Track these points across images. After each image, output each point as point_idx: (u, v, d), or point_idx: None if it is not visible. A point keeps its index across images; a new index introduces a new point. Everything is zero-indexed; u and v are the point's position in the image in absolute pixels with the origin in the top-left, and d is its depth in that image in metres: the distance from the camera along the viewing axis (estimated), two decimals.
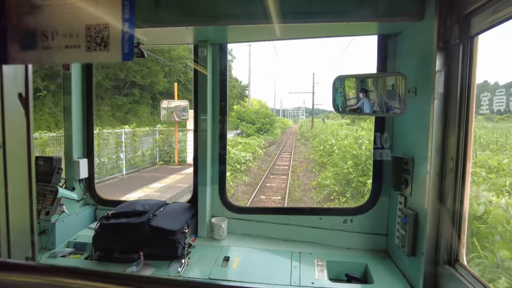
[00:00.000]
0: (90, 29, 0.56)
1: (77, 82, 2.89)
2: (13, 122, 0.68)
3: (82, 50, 0.57)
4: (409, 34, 2.19)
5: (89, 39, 0.56)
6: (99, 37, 0.56)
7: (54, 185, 2.61)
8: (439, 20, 1.71)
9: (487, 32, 1.57)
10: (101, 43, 0.56)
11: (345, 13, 2.02)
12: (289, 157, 20.92)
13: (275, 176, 14.79)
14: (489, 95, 3.00)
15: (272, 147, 26.72)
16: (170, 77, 35.15)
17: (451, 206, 1.75)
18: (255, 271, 2.20)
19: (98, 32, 0.56)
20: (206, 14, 2.15)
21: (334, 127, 27.74)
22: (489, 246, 3.54)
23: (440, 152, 1.79)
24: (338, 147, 14.87)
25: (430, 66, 1.77)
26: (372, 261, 2.34)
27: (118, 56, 0.55)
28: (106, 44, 0.56)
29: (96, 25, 0.56)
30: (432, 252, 1.84)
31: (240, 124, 32.06)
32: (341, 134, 18.73)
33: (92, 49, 0.56)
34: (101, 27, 0.56)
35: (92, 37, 0.56)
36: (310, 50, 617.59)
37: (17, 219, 0.68)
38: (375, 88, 2.00)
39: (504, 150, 5.76)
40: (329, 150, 16.32)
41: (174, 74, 35.76)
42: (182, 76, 36.98)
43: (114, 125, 22.72)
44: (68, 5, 0.56)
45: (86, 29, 0.56)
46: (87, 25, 0.56)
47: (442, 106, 1.77)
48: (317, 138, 25.03)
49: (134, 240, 2.28)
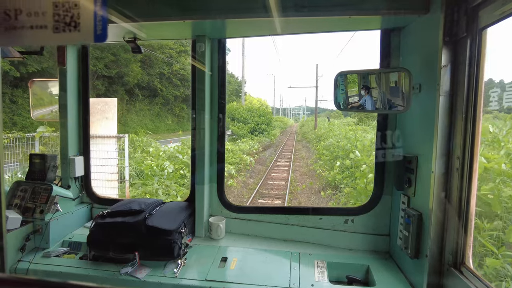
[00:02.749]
0: (58, 7, 0.50)
1: (72, 77, 2.84)
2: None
3: (49, 31, 0.50)
4: (413, 29, 2.12)
5: (57, 19, 0.50)
6: (68, 16, 0.49)
7: (48, 183, 2.55)
8: (445, 13, 1.63)
9: (496, 25, 1.50)
10: (70, 23, 0.49)
11: (347, 6, 1.95)
12: (287, 165, 16.46)
13: (266, 200, 10.29)
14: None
15: (267, 151, 22.26)
16: (151, 69, 32.78)
17: (456, 207, 1.69)
18: (254, 272, 2.15)
19: (67, 11, 0.49)
20: (204, 7, 2.08)
21: (346, 128, 22.01)
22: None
23: (446, 151, 1.73)
24: (367, 163, 9.34)
25: (436, 62, 1.70)
26: (374, 263, 2.28)
27: (90, 37, 0.49)
28: (76, 24, 0.49)
29: (65, 2, 0.50)
30: (437, 254, 1.77)
31: (231, 124, 27.77)
32: (362, 139, 13.42)
33: (60, 29, 0.50)
34: (70, 5, 0.49)
35: (60, 16, 0.50)
36: (313, 44, 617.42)
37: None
38: (377, 84, 1.94)
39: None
40: (349, 166, 10.77)
41: (156, 66, 33.37)
42: (166, 69, 34.69)
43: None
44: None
45: (53, 7, 0.50)
46: (55, 3, 0.50)
47: (448, 103, 1.70)
48: (323, 141, 19.21)
49: (130, 239, 2.22)
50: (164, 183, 9.34)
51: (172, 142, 17.26)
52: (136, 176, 9.91)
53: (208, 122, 2.68)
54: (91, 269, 2.17)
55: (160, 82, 36.43)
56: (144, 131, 17.52)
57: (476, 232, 3.96)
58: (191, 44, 2.64)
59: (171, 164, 10.65)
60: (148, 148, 12.93)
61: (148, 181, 9.32)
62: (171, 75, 35.81)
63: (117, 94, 29.49)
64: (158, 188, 8.80)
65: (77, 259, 2.36)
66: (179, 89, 39.27)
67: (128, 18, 2.10)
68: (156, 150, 12.43)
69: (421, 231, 1.89)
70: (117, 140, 8.03)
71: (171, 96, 38.88)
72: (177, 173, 10.26)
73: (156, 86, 35.26)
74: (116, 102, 5.13)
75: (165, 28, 2.43)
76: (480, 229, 4.10)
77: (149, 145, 13.56)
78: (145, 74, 32.69)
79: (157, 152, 12.17)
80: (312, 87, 44.79)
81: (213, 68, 2.69)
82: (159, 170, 9.99)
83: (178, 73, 38.46)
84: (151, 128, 33.83)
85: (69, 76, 2.79)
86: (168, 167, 10.11)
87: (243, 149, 17.55)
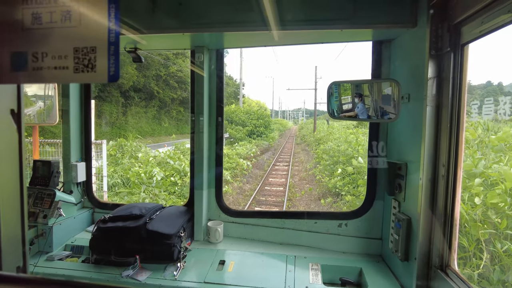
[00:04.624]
0: (78, 52, 0.59)
1: (75, 84, 2.92)
2: (6, 137, 0.70)
3: (70, 71, 0.59)
4: (402, 41, 2.21)
5: (77, 61, 0.59)
6: (86, 59, 0.59)
7: (52, 188, 2.63)
8: (431, 28, 1.73)
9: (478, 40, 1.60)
10: (88, 65, 0.59)
11: (340, 20, 2.05)
12: (286, 170, 16.04)
13: (263, 208, 9.74)
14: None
15: (266, 154, 21.80)
16: (147, 71, 32.10)
17: (442, 212, 1.78)
18: (250, 275, 2.22)
19: (86, 55, 0.59)
20: (203, 21, 2.18)
21: (346, 131, 21.36)
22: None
23: (432, 159, 1.82)
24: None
25: (423, 73, 1.80)
26: (366, 265, 2.36)
27: (104, 77, 0.58)
28: (93, 66, 0.58)
29: (84, 47, 0.59)
30: (425, 257, 1.86)
31: (228, 127, 27.56)
32: (364, 143, 13.14)
33: (79, 70, 0.59)
34: (88, 50, 0.59)
35: (79, 59, 0.59)
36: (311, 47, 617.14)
37: (8, 230, 0.71)
38: (370, 93, 2.03)
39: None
40: (351, 173, 10.43)
41: (152, 68, 32.77)
42: (163, 71, 33.98)
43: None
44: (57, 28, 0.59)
45: (74, 52, 0.59)
46: (75, 48, 0.59)
47: (434, 113, 1.80)
48: (322, 145, 18.90)
49: (131, 243, 2.30)
50: (152, 191, 8.94)
51: (166, 146, 16.58)
52: (122, 184, 9.56)
53: (206, 126, 2.76)
54: (93, 272, 2.25)
55: (157, 84, 35.83)
56: (134, 135, 16.63)
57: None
58: (190, 53, 2.73)
59: (161, 170, 10.11)
60: (137, 154, 12.35)
61: (134, 190, 8.88)
62: (168, 77, 35.23)
63: (112, 97, 29.00)
64: (145, 198, 8.41)
65: (80, 263, 2.44)
66: (176, 91, 38.68)
67: (130, 30, 2.19)
68: (145, 156, 11.88)
69: (410, 235, 1.98)
70: (95, 147, 7.83)
71: (168, 99, 38.35)
72: (168, 180, 9.79)
73: (152, 89, 34.77)
74: (94, 105, 4.77)
75: (165, 39, 2.52)
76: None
77: (138, 150, 12.96)
78: (141, 76, 32.02)
79: (147, 158, 11.64)
80: (311, 90, 44.93)
81: (212, 75, 2.78)
82: (147, 178, 9.53)
83: (175, 75, 37.85)
84: (147, 131, 33.42)
85: (71, 83, 2.87)
86: (157, 174, 9.60)
87: (240, 153, 17.02)
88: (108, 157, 10.23)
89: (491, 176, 4.53)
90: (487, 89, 15.70)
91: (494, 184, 4.43)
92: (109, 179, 9.13)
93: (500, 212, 4.06)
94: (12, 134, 0.71)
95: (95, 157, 7.74)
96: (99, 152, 8.05)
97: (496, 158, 5.02)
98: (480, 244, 4.03)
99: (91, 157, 3.10)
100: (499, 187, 4.22)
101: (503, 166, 4.70)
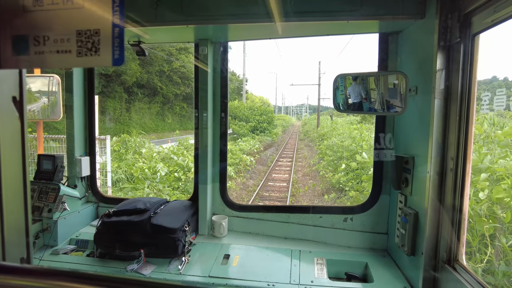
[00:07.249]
0: (81, 34, 0.57)
1: (78, 79, 2.91)
2: (8, 125, 0.69)
3: (73, 55, 0.57)
4: (410, 33, 2.17)
5: (80, 44, 0.57)
6: (89, 42, 0.57)
7: (56, 182, 2.63)
8: (440, 19, 1.69)
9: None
10: (91, 48, 0.56)
11: (346, 11, 2.01)
12: (289, 165, 15.92)
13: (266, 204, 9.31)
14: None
15: (269, 150, 21.70)
16: (150, 67, 32.02)
17: (450, 206, 1.75)
18: (255, 269, 2.22)
19: (89, 37, 0.57)
20: (206, 13, 2.15)
21: (350, 127, 20.50)
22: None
23: (441, 152, 1.78)
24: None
25: (431, 65, 1.76)
26: (372, 260, 2.34)
27: (108, 61, 0.56)
28: (97, 49, 0.56)
29: (87, 30, 0.57)
30: (432, 251, 1.84)
31: (232, 123, 27.35)
32: (368, 138, 12.72)
33: (83, 54, 0.57)
34: (91, 32, 0.57)
35: (83, 42, 0.57)
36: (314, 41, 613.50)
37: (11, 221, 0.69)
38: (376, 86, 1.99)
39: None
40: (355, 168, 10.30)
41: (155, 63, 32.63)
42: (166, 66, 33.87)
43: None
44: (59, 10, 0.57)
45: (77, 34, 0.57)
46: (78, 31, 0.57)
47: (442, 106, 1.76)
48: (326, 141, 18.70)
49: (135, 237, 2.30)
50: (156, 187, 9.01)
51: (170, 142, 16.60)
52: (126, 180, 9.63)
53: (210, 122, 2.75)
54: (98, 266, 2.25)
55: (160, 80, 35.84)
56: (137, 130, 16.61)
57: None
58: (194, 46, 2.70)
59: (165, 166, 10.18)
60: (141, 149, 12.38)
61: (138, 185, 8.95)
62: (171, 72, 35.12)
63: (115, 93, 28.99)
64: (149, 193, 8.49)
65: (85, 257, 2.44)
66: (180, 87, 38.70)
67: (133, 23, 2.17)
68: (149, 152, 11.95)
69: (417, 229, 1.95)
70: (99, 143, 7.79)
71: (171, 95, 38.38)
72: (171, 175, 9.84)
73: (155, 85, 34.76)
74: (97, 100, 4.78)
75: (169, 32, 2.50)
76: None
77: (142, 146, 13.00)
78: (144, 72, 31.93)
79: (150, 153, 11.71)
80: (315, 85, 44.63)
81: (216, 69, 2.75)
82: (151, 173, 9.56)
83: (178, 71, 37.83)
84: (151, 127, 33.42)
85: (75, 78, 2.86)
86: (161, 170, 9.65)
87: (243, 148, 17.07)
88: (112, 152, 10.21)
89: (497, 171, 4.50)
90: (492, 84, 15.52)
91: (500, 179, 4.40)
92: (113, 174, 9.15)
93: (506, 207, 4.03)
94: (14, 122, 0.69)
95: (99, 153, 7.78)
96: (103, 147, 8.08)
97: (502, 153, 5.00)
98: (485, 239, 4.01)
99: (95, 151, 3.10)
100: (504, 182, 4.18)
101: (510, 161, 4.67)
